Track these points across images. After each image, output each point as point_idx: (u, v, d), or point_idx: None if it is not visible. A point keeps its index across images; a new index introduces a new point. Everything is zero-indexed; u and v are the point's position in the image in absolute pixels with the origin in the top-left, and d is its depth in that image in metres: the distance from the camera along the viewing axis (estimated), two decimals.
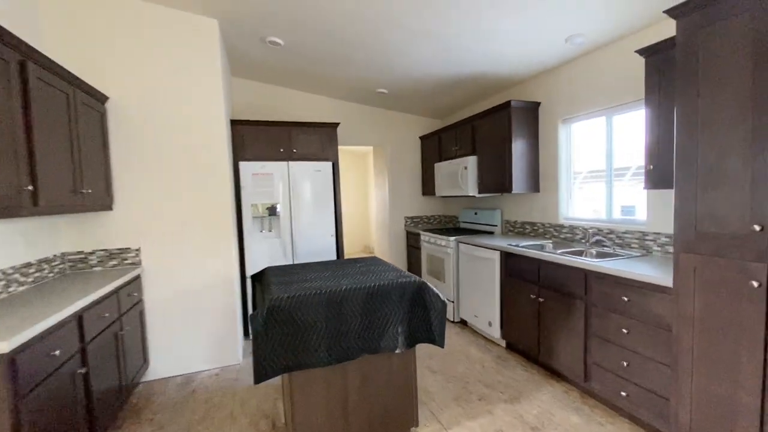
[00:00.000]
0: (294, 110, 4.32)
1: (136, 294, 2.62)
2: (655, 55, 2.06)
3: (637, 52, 2.14)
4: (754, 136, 1.39)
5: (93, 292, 1.96)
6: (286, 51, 3.24)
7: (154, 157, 2.77)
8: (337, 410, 1.84)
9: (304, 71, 3.69)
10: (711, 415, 1.58)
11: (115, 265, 2.72)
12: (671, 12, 1.63)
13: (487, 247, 3.17)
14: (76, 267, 2.63)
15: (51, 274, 2.40)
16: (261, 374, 1.62)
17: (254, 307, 2.45)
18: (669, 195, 2.33)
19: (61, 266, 2.53)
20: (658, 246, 2.41)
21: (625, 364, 2.04)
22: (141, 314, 2.71)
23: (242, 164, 3.47)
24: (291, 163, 3.62)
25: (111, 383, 2.11)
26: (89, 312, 1.90)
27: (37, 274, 2.25)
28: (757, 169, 1.39)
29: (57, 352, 1.57)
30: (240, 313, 3.09)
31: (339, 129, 4.52)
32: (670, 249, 2.33)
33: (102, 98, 2.53)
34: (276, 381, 2.74)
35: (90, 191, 2.28)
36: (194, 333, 2.93)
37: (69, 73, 2.08)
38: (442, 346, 1.92)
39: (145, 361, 2.74)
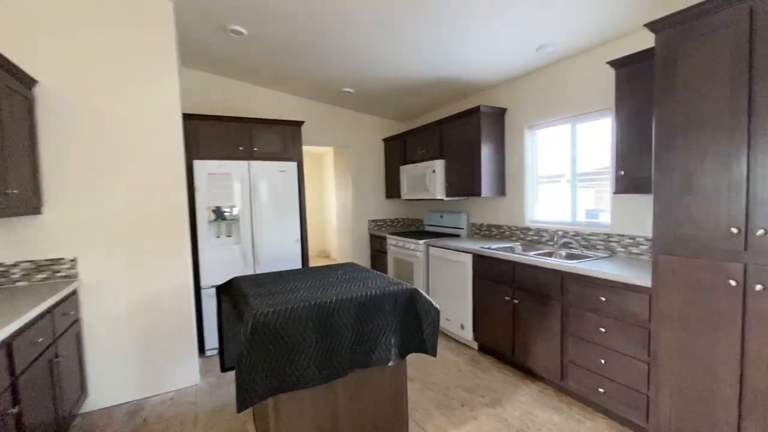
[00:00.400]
0: (253, 107, 4.04)
1: (72, 313, 2.23)
2: (625, 66, 2.18)
3: (608, 63, 2.26)
4: (731, 144, 1.50)
5: (24, 312, 1.62)
6: (248, 41, 2.99)
7: (95, 152, 2.39)
8: (327, 427, 1.69)
9: (267, 65, 3.46)
10: (690, 407, 1.68)
11: (44, 279, 2.30)
12: (652, 26, 1.71)
13: (458, 250, 3.18)
14: None
15: None
16: (245, 401, 1.42)
17: (219, 323, 2.20)
18: (633, 199, 2.48)
19: None
20: (621, 247, 2.56)
21: (602, 361, 2.12)
22: (78, 336, 2.32)
23: (197, 163, 3.15)
24: (252, 162, 3.35)
25: (45, 420, 1.76)
26: (20, 338, 1.56)
27: None
28: (733, 175, 1.50)
29: None
30: (195, 329, 2.78)
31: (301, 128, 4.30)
32: (634, 250, 2.48)
33: (29, 82, 2.13)
34: None
35: (16, 192, 1.90)
36: (143, 354, 2.57)
37: None
38: (434, 355, 1.85)
39: (83, 390, 2.35)
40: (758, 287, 1.45)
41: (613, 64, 2.23)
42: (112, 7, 2.40)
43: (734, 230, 1.50)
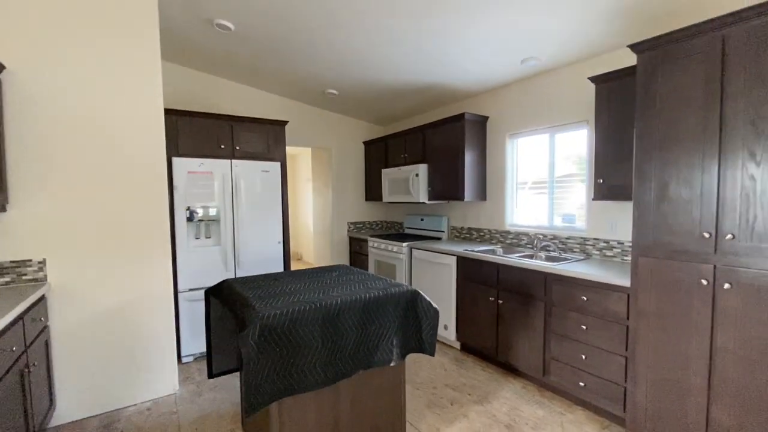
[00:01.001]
0: (234, 104, 3.93)
1: (42, 319, 2.06)
2: (605, 82, 2.35)
3: (589, 78, 2.42)
4: (704, 158, 1.67)
5: None
6: (234, 37, 2.92)
7: (67, 147, 2.23)
8: (329, 430, 1.68)
9: (252, 62, 3.38)
10: (664, 396, 1.84)
11: (8, 283, 2.11)
12: (634, 47, 1.87)
13: (443, 252, 3.26)
14: None
15: None
16: (254, 405, 1.39)
17: (208, 327, 2.12)
18: (608, 205, 2.67)
19: None
20: (596, 250, 2.75)
21: (583, 357, 2.26)
22: (47, 344, 2.14)
23: (176, 160, 3.01)
24: (235, 161, 3.26)
25: None
26: None
27: None
28: (705, 185, 1.67)
29: None
30: (174, 335, 2.65)
31: None
32: (608, 253, 2.67)
33: None
34: (230, 406, 2.41)
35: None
36: (116, 362, 2.42)
37: None
38: (433, 355, 1.89)
39: (52, 402, 2.17)
40: (726, 286, 1.62)
41: (594, 80, 2.40)
42: None
43: (706, 235, 1.66)
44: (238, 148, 3.34)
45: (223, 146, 3.27)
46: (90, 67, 2.27)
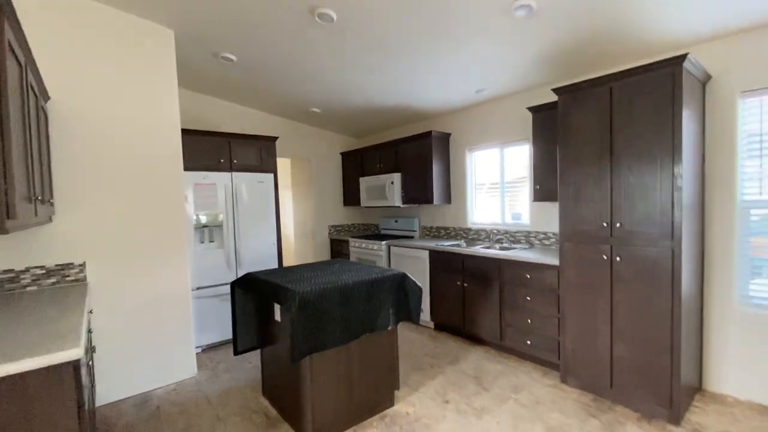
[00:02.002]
0: (229, 121, 4.34)
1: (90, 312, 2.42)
2: (538, 112, 3.09)
3: (528, 108, 3.15)
4: (600, 171, 2.41)
5: (76, 317, 1.87)
6: (235, 66, 3.37)
7: (101, 162, 2.61)
8: (344, 380, 2.22)
9: (248, 86, 3.83)
10: (583, 341, 2.56)
11: (54, 283, 2.45)
12: (556, 90, 2.59)
13: (417, 248, 3.88)
14: (2, 288, 2.29)
15: None
16: (296, 357, 1.91)
17: (234, 312, 2.57)
18: (545, 205, 3.42)
19: None
20: (538, 240, 3.49)
21: (529, 321, 2.96)
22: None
23: (184, 174, 3.39)
24: (234, 173, 3.69)
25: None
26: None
27: None
28: (602, 190, 2.40)
29: None
30: (192, 326, 3.05)
31: None
32: (546, 242, 3.42)
33: (45, 95, 2.32)
34: (246, 382, 2.86)
35: (51, 200, 2.11)
36: (145, 349, 2.80)
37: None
38: (417, 323, 2.49)
39: (92, 385, 2.52)
40: (617, 258, 2.36)
41: (530, 109, 3.13)
42: (122, 32, 2.65)
43: (604, 224, 2.40)
44: (235, 161, 3.77)
45: (222, 160, 3.69)
46: (119, 94, 2.66)
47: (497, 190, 3.90)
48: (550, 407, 2.41)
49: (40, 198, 1.84)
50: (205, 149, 3.59)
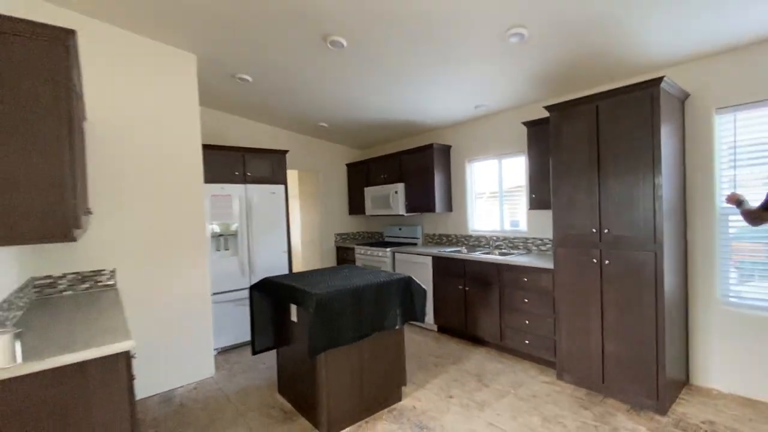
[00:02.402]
0: (241, 135, 4.59)
1: None
2: (533, 126, 3.32)
3: (522, 123, 3.39)
4: (590, 181, 2.62)
5: (122, 323, 2.06)
6: (250, 86, 3.63)
7: (130, 177, 2.84)
8: (356, 376, 2.41)
9: (261, 103, 4.09)
10: (576, 340, 2.75)
11: (87, 288, 2.66)
12: (548, 108, 2.82)
13: (420, 254, 4.09)
14: (42, 293, 2.51)
15: (22, 303, 2.29)
16: (314, 350, 2.11)
17: (252, 314, 2.77)
18: (541, 213, 3.63)
19: (29, 293, 2.41)
20: (535, 246, 3.69)
21: (526, 322, 3.15)
22: None
23: (203, 186, 3.63)
24: (248, 185, 3.92)
25: None
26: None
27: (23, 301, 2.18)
28: (591, 199, 2.62)
29: None
30: (211, 329, 3.25)
31: None
32: (543, 248, 3.62)
33: (84, 116, 2.56)
34: (262, 381, 3.05)
35: (91, 212, 2.33)
36: (168, 350, 2.99)
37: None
38: (423, 321, 2.68)
39: None
40: (606, 262, 2.56)
41: (525, 124, 3.36)
42: (151, 58, 2.91)
43: (594, 230, 2.61)
44: (249, 174, 4.00)
45: (236, 173, 3.93)
46: (146, 113, 2.90)
47: (496, 199, 4.12)
48: (546, 401, 2.59)
49: (87, 210, 2.07)
50: (222, 163, 3.83)
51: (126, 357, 1.56)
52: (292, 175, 6.26)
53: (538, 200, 3.32)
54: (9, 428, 1.31)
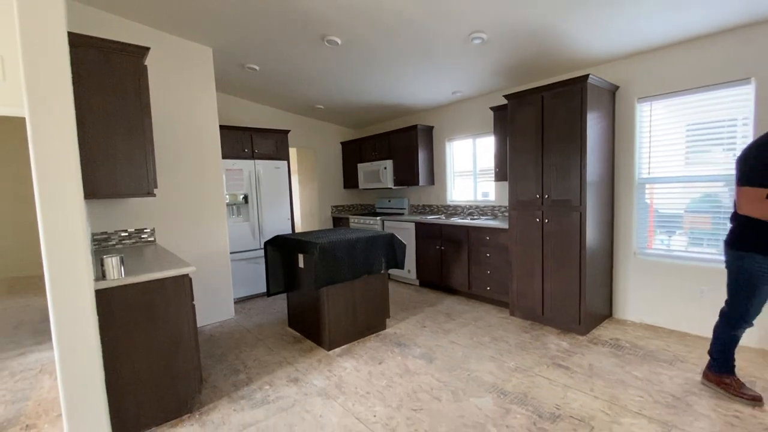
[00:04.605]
0: (248, 117, 5.15)
1: None
2: (497, 111, 3.95)
3: (490, 108, 4.01)
4: (537, 158, 3.29)
5: (180, 257, 2.75)
6: (257, 74, 4.19)
7: (165, 153, 3.45)
8: (350, 308, 3.14)
9: (266, 88, 4.64)
10: (525, 282, 3.49)
11: (133, 243, 3.32)
12: (506, 96, 3.46)
13: (405, 221, 4.78)
14: (100, 245, 3.16)
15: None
16: (319, 284, 2.82)
17: (266, 264, 3.46)
18: (504, 184, 4.30)
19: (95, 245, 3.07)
20: (500, 213, 4.40)
21: (488, 272, 3.89)
22: None
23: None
24: (256, 161, 4.54)
25: None
26: None
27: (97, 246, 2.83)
28: (536, 171, 3.30)
29: None
30: (231, 278, 3.94)
31: None
32: (506, 213, 4.32)
33: None
34: (274, 320, 3.77)
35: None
36: (197, 295, 3.69)
37: None
38: (402, 268, 3.40)
39: None
40: (546, 221, 3.26)
41: (492, 108, 3.99)
42: (175, 52, 3.46)
43: (537, 196, 3.30)
44: (256, 151, 4.61)
45: (246, 150, 4.53)
46: (178, 100, 3.49)
47: (471, 174, 4.78)
48: (498, 328, 3.35)
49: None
50: (233, 141, 4.42)
51: (188, 278, 2.24)
52: (291, 153, 6.84)
53: (501, 173, 4.00)
54: (122, 316, 1.99)
